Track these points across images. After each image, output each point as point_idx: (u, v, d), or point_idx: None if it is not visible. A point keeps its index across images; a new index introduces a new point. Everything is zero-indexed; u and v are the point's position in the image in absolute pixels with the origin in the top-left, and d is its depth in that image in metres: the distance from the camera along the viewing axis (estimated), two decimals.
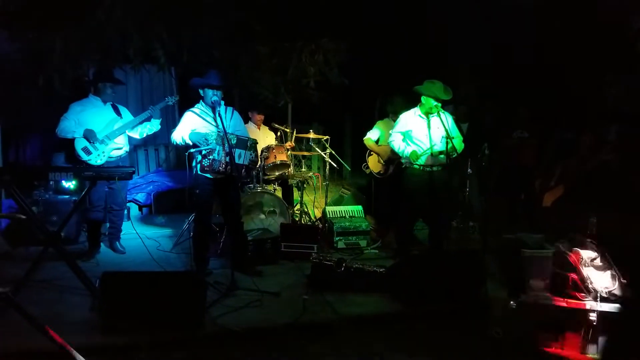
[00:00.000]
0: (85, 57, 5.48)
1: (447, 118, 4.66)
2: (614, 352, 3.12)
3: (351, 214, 5.70)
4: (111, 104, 4.81)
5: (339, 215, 5.66)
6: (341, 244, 5.31)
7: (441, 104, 4.62)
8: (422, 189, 4.76)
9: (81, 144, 4.57)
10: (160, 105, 4.81)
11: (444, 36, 7.08)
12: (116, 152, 4.74)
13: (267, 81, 6.69)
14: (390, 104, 5.72)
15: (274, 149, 5.65)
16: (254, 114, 6.22)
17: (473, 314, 3.59)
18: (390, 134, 4.92)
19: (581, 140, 6.19)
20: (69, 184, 5.42)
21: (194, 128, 4.22)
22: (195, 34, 5.67)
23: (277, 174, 5.77)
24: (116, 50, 5.52)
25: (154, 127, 4.90)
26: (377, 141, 5.80)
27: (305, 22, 6.31)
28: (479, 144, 5.97)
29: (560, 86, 6.46)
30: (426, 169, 4.74)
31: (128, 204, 6.02)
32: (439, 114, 4.57)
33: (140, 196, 6.75)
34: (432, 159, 4.70)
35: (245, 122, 5.21)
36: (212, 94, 4.24)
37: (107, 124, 4.69)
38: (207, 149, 4.12)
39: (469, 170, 5.92)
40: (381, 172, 5.81)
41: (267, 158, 5.59)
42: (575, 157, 6.25)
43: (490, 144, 5.97)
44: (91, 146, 4.58)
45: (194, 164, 4.30)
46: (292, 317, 3.59)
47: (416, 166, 4.74)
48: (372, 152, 5.91)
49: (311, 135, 6.10)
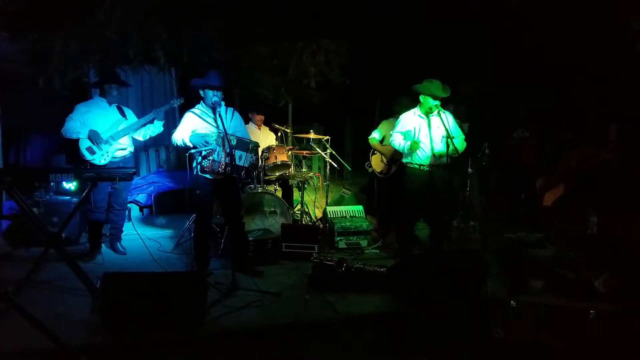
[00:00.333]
0: (85, 57, 5.49)
1: (447, 118, 4.64)
2: (613, 352, 3.11)
3: (352, 214, 5.70)
4: (116, 105, 4.83)
5: (339, 216, 5.66)
6: (342, 244, 5.31)
7: (440, 102, 4.61)
8: (422, 188, 4.75)
9: (85, 144, 4.60)
10: (165, 107, 4.82)
11: (445, 36, 7.08)
12: (120, 153, 4.75)
13: (267, 82, 6.70)
14: (396, 103, 5.70)
15: (274, 149, 5.65)
16: (254, 115, 6.23)
17: (473, 314, 3.59)
18: (391, 135, 4.92)
19: (582, 140, 6.20)
20: (70, 185, 5.44)
21: (194, 129, 4.22)
22: (196, 35, 5.68)
23: (277, 174, 5.77)
24: (116, 51, 5.53)
25: (157, 129, 4.91)
26: (381, 141, 5.80)
27: (305, 22, 6.32)
28: (480, 144, 5.96)
29: (560, 86, 6.46)
30: (427, 168, 4.74)
31: (129, 204, 6.02)
32: (439, 113, 4.56)
33: (141, 197, 6.76)
34: (434, 159, 4.70)
35: (246, 122, 5.22)
36: (212, 95, 4.25)
37: (112, 124, 4.71)
38: (208, 149, 4.13)
39: (469, 169, 5.92)
40: (383, 171, 5.80)
41: (267, 158, 5.60)
42: (575, 156, 6.26)
43: (490, 143, 5.97)
44: (95, 146, 4.60)
45: (194, 164, 4.31)
46: (293, 317, 3.60)
47: (417, 166, 4.74)
48: (375, 151, 5.89)
49: (312, 135, 6.09)
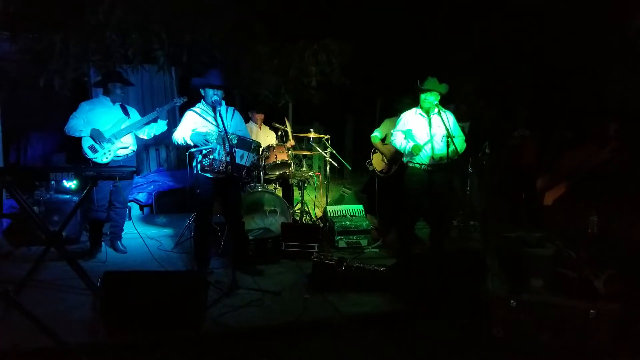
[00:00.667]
0: (85, 57, 5.50)
1: (448, 117, 4.64)
2: (613, 352, 3.11)
3: (352, 213, 5.70)
4: (120, 104, 4.85)
5: (339, 215, 5.66)
6: (342, 243, 5.31)
7: (439, 99, 4.61)
8: (422, 188, 4.75)
9: (88, 142, 4.62)
10: (168, 106, 4.84)
11: (445, 36, 7.08)
12: (123, 151, 4.76)
13: (268, 81, 6.71)
14: (399, 102, 5.69)
15: (274, 148, 5.65)
16: (254, 114, 6.24)
17: (473, 313, 3.59)
18: (392, 133, 4.92)
19: (582, 139, 6.18)
20: (70, 184, 5.44)
21: (194, 127, 4.23)
22: (196, 35, 5.69)
23: (277, 173, 5.77)
24: (116, 51, 5.55)
25: (161, 128, 4.93)
26: (383, 139, 5.78)
27: (306, 22, 6.33)
28: (480, 143, 5.96)
29: (561, 85, 6.45)
30: (427, 168, 4.74)
31: (129, 203, 6.02)
32: (439, 112, 4.56)
33: (142, 196, 6.76)
34: (434, 160, 4.70)
35: (246, 121, 5.22)
36: (212, 94, 4.25)
37: (115, 123, 4.72)
38: (208, 148, 4.13)
39: (469, 169, 5.91)
40: (384, 170, 5.80)
41: (267, 157, 5.59)
42: (576, 155, 6.25)
43: (491, 142, 5.96)
44: (97, 145, 4.61)
45: (194, 163, 4.31)
46: (293, 316, 3.59)
47: (417, 165, 4.74)
48: (376, 150, 5.89)
49: (312, 134, 6.09)
